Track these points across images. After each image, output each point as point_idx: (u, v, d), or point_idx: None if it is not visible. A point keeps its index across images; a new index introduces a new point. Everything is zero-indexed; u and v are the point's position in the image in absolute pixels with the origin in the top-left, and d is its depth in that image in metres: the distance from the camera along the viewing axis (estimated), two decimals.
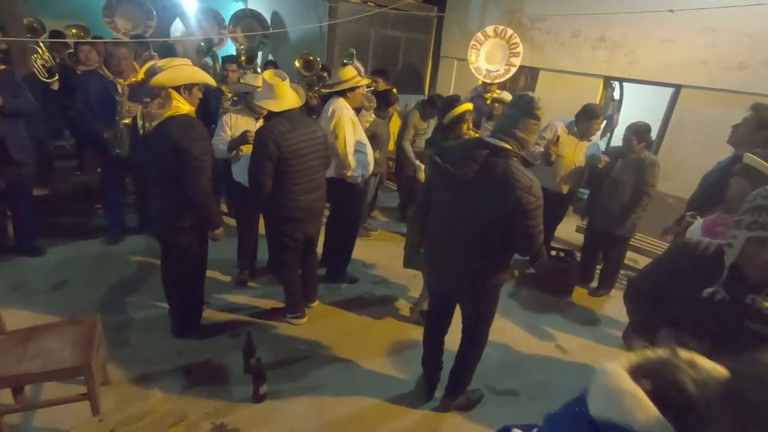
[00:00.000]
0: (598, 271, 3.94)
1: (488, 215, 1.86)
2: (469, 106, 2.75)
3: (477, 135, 3.34)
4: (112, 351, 2.50)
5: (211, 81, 2.59)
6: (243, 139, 2.91)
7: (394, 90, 4.11)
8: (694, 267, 1.36)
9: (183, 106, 2.34)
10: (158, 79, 2.27)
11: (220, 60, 4.80)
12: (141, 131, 3.34)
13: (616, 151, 3.70)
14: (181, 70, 2.34)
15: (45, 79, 4.17)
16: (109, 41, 3.74)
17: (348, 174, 3.13)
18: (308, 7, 6.07)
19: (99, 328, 2.16)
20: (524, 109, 1.85)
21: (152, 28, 5.83)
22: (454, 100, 2.82)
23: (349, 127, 3.04)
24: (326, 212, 3.52)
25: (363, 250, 3.88)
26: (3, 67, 3.13)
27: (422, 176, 3.75)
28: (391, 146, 5.04)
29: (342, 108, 3.07)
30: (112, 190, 3.83)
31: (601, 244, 3.77)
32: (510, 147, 1.85)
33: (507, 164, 1.82)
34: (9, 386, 1.89)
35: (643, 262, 4.22)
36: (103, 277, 3.31)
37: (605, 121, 6.28)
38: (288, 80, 2.60)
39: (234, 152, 3.00)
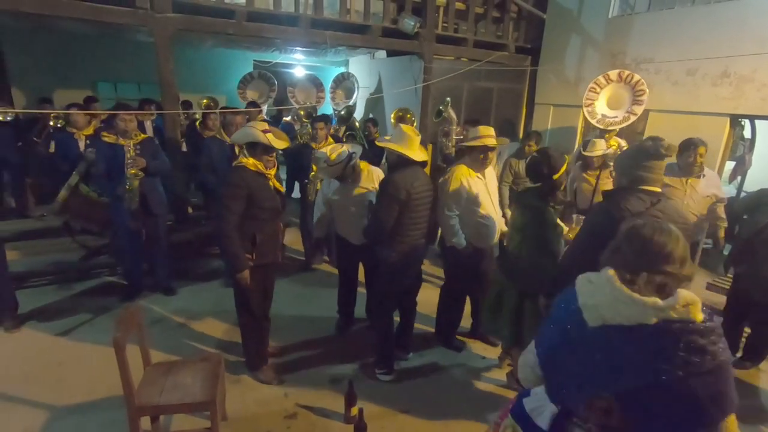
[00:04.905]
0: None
1: None
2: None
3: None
4: (228, 387, 2.70)
5: (268, 142, 2.56)
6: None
7: None
8: None
9: (248, 160, 2.58)
10: (232, 138, 2.70)
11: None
12: None
13: None
14: (242, 131, 2.64)
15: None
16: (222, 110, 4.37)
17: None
18: (404, 68, 6.50)
19: (222, 366, 2.37)
20: (647, 151, 1.95)
21: (272, 98, 6.75)
22: (561, 155, 2.55)
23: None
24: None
25: None
26: (145, 135, 3.77)
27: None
28: None
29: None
30: None
31: (750, 312, 3.17)
32: (660, 190, 1.96)
33: (671, 205, 1.96)
34: (151, 414, 2.14)
35: None
36: (221, 316, 3.65)
37: (735, 163, 5.59)
38: (420, 137, 2.78)
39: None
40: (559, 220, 2.70)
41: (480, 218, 2.98)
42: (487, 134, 2.92)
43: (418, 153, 2.72)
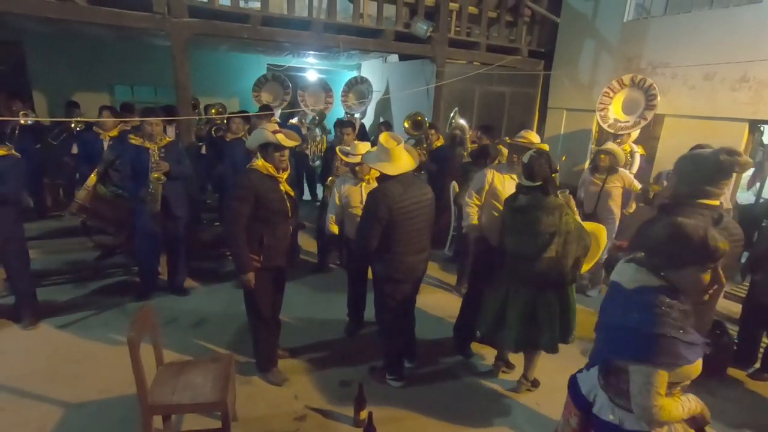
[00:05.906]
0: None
1: None
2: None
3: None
4: (239, 388, 2.72)
5: (277, 140, 2.58)
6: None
7: (501, 146, 4.08)
8: None
9: (259, 161, 2.64)
10: (246, 144, 2.79)
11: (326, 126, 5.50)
12: None
13: None
14: (253, 135, 2.70)
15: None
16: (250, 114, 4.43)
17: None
18: (416, 72, 6.51)
19: (233, 367, 2.39)
20: (721, 167, 1.83)
21: (287, 101, 6.83)
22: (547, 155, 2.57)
23: None
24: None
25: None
26: (170, 139, 3.86)
27: None
28: None
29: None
30: None
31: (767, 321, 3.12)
32: (719, 203, 1.91)
33: (732, 222, 1.96)
34: (163, 414, 2.16)
35: None
36: (233, 318, 3.67)
37: (753, 170, 5.47)
38: (403, 143, 2.67)
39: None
40: None
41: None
42: (528, 137, 3.11)
43: (403, 163, 2.58)
